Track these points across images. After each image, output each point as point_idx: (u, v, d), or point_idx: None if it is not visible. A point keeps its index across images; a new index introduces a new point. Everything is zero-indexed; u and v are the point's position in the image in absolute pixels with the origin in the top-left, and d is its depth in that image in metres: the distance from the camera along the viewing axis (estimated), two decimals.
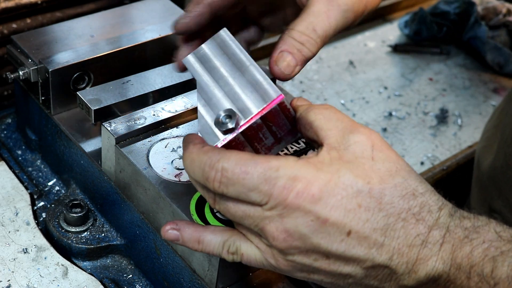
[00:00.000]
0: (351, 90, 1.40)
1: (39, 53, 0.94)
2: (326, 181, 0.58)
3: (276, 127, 0.66)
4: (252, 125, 0.65)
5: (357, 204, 0.58)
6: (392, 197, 0.59)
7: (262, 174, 0.58)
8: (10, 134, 1.07)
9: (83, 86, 0.96)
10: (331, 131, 0.63)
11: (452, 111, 1.38)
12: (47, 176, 1.01)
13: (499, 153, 1.10)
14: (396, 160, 0.62)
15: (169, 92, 0.93)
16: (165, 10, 1.08)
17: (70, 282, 0.84)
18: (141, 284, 0.88)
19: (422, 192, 0.60)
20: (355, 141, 0.62)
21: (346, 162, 0.60)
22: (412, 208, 0.59)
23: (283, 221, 0.59)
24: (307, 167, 0.59)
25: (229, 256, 0.65)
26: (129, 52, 0.97)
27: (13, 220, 0.91)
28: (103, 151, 0.86)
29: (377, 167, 0.60)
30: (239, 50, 0.67)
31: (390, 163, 0.61)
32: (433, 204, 0.60)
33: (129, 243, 0.88)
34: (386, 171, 0.60)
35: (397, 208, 0.59)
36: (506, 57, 1.50)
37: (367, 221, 0.58)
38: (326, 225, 0.58)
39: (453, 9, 1.57)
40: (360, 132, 0.62)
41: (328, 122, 0.64)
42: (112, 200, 0.88)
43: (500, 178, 1.09)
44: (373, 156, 0.61)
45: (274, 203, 0.59)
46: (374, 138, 0.63)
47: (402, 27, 1.60)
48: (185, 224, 0.67)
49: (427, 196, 0.60)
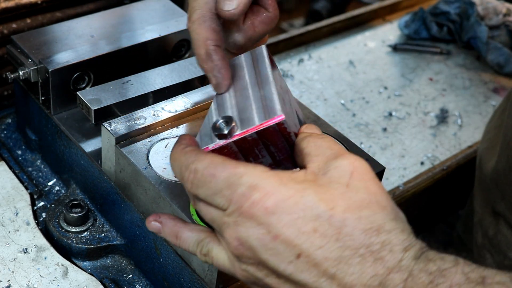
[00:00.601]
0: (351, 90, 1.40)
1: (39, 53, 0.94)
2: (285, 197, 0.56)
3: (274, 147, 0.65)
4: (247, 138, 0.64)
5: (313, 228, 0.55)
6: (353, 229, 0.55)
7: (226, 179, 0.58)
8: (10, 134, 1.07)
9: (83, 86, 0.96)
10: (317, 157, 0.61)
11: (452, 111, 1.38)
12: (47, 176, 1.01)
13: (502, 156, 1.10)
14: (374, 192, 0.58)
15: (169, 92, 0.93)
16: (165, 10, 1.08)
17: (70, 282, 0.84)
18: (141, 284, 0.88)
19: (388, 229, 0.56)
20: (335, 166, 0.59)
21: (317, 185, 0.57)
22: (372, 245, 0.55)
23: (237, 229, 0.58)
24: (272, 179, 0.57)
25: (202, 257, 0.65)
26: (129, 52, 0.97)
27: (13, 220, 0.91)
28: (103, 151, 0.86)
29: (348, 195, 0.57)
30: (269, 68, 0.68)
31: (365, 194, 0.57)
32: (397, 244, 0.55)
33: (129, 243, 0.88)
34: (357, 201, 0.56)
35: (356, 242, 0.55)
36: (506, 57, 1.50)
37: (320, 248, 0.55)
38: (276, 241, 0.56)
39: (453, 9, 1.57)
40: (344, 158, 0.59)
41: (317, 149, 0.62)
42: (112, 200, 0.88)
43: (503, 181, 1.09)
44: (349, 184, 0.57)
45: (232, 209, 0.58)
46: (358, 165, 0.59)
47: (402, 27, 1.60)
48: (167, 217, 0.67)
49: (393, 234, 0.56)
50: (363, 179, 0.58)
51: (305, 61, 1.46)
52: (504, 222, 1.11)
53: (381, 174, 0.86)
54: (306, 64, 1.45)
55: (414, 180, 1.19)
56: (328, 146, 0.62)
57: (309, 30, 1.51)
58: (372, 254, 0.55)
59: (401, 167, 1.22)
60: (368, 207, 0.56)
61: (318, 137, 0.64)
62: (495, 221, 1.14)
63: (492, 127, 1.20)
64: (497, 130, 1.17)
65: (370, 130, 1.29)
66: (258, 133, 0.63)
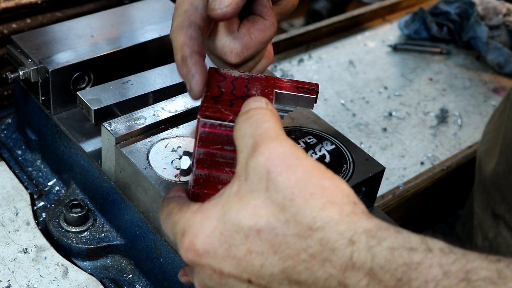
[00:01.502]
0: (351, 90, 1.40)
1: (39, 53, 0.94)
2: (210, 231, 0.54)
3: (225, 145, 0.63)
4: (200, 158, 0.63)
5: (247, 250, 0.52)
6: (284, 237, 0.51)
7: (170, 228, 0.59)
8: (10, 134, 1.07)
9: (83, 86, 0.96)
10: (241, 153, 0.56)
11: (452, 111, 1.38)
12: (47, 176, 1.01)
13: (502, 158, 1.09)
14: (294, 184, 0.51)
15: (169, 92, 0.93)
16: (165, 10, 1.08)
17: (70, 282, 0.84)
18: (141, 284, 0.88)
19: (319, 225, 0.50)
20: (253, 167, 0.53)
21: (238, 200, 0.53)
22: (310, 248, 0.50)
23: (196, 278, 0.58)
24: (196, 217, 0.55)
25: None
26: (129, 52, 0.97)
27: (13, 220, 0.91)
28: (103, 151, 0.86)
29: (269, 200, 0.52)
30: None
31: (285, 190, 0.51)
32: (338, 239, 0.49)
33: (129, 243, 0.88)
34: (279, 203, 0.51)
35: (293, 250, 0.50)
36: (506, 57, 1.50)
37: (262, 267, 0.52)
38: (223, 277, 0.54)
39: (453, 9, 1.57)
40: (260, 154, 0.53)
41: (241, 141, 0.56)
42: (112, 200, 0.88)
43: (503, 183, 1.09)
44: (268, 186, 0.52)
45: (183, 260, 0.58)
46: (274, 158, 0.53)
47: (402, 27, 1.60)
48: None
49: (327, 229, 0.50)
50: (281, 173, 0.52)
51: (305, 61, 1.46)
52: (504, 225, 1.11)
53: (381, 174, 0.86)
54: (306, 64, 1.45)
55: (414, 180, 1.19)
56: (251, 133, 0.55)
57: (309, 30, 1.51)
58: (315, 257, 0.50)
59: (401, 167, 1.22)
60: (292, 205, 0.51)
61: (244, 120, 0.57)
62: (495, 223, 1.14)
63: (491, 129, 1.20)
64: (496, 132, 1.17)
65: (370, 130, 1.29)
66: (200, 146, 0.62)
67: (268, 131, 0.55)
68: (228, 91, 0.65)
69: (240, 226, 0.52)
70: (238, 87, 0.66)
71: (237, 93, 0.65)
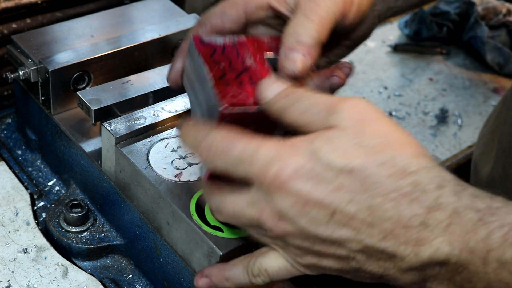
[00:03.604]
0: (351, 90, 1.40)
1: (39, 53, 0.94)
2: (302, 163, 0.56)
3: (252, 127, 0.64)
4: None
5: (338, 185, 0.55)
6: (377, 177, 0.55)
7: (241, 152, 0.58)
8: (10, 134, 1.07)
9: (83, 86, 0.96)
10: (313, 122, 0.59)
11: (452, 111, 1.38)
12: (47, 176, 1.01)
13: (497, 163, 1.09)
14: (386, 133, 0.57)
15: (169, 92, 0.93)
16: (165, 10, 1.08)
17: (70, 282, 0.84)
18: (141, 284, 0.88)
19: (413, 170, 0.55)
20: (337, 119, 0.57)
21: (328, 142, 0.57)
22: (402, 188, 0.54)
23: (271, 206, 0.58)
24: (286, 148, 0.57)
25: (257, 279, 0.65)
26: (129, 52, 0.97)
27: (13, 220, 0.91)
28: (103, 151, 0.86)
29: (362, 143, 0.56)
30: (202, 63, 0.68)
31: (378, 138, 0.56)
32: (428, 183, 0.55)
33: (129, 243, 0.88)
34: (372, 148, 0.56)
35: (384, 188, 0.55)
36: (506, 57, 1.50)
37: (350, 202, 0.55)
38: (307, 207, 0.56)
39: (453, 9, 1.57)
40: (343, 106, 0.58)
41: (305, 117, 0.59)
42: (112, 200, 0.88)
43: (499, 188, 1.08)
44: (358, 131, 0.57)
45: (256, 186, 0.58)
46: (361, 109, 0.58)
47: (402, 27, 1.60)
48: (210, 269, 0.69)
49: (420, 174, 0.55)
50: (371, 124, 0.57)
51: None
52: None
53: None
54: None
55: None
56: (315, 102, 0.59)
57: None
58: (405, 196, 0.54)
59: None
60: (385, 151, 0.56)
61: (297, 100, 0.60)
62: None
63: (487, 132, 1.19)
64: (492, 135, 1.16)
65: None
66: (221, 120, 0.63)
67: (329, 96, 0.59)
68: (227, 66, 0.66)
69: (332, 165, 0.56)
70: (233, 60, 0.67)
71: (236, 66, 0.66)
